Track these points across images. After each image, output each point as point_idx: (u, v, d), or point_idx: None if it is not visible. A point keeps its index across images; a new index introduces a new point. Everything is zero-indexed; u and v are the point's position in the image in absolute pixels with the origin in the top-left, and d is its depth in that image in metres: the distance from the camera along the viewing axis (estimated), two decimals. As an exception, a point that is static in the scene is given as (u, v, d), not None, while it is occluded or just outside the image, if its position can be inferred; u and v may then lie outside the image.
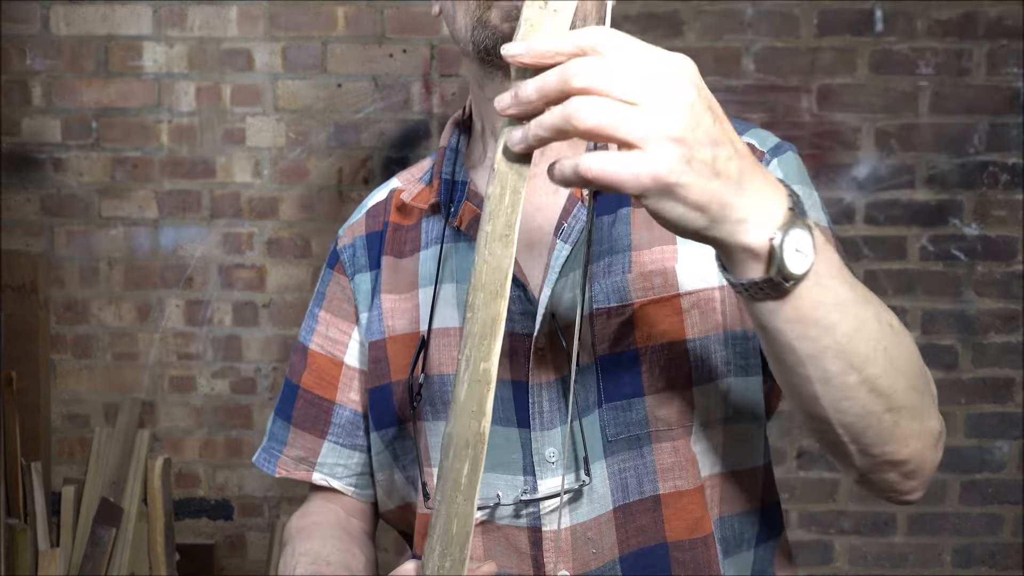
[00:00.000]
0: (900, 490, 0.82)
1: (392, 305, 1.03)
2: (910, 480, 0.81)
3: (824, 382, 0.71)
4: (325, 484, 1.08)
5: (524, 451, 0.94)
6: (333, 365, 1.07)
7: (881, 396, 0.73)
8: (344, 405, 1.07)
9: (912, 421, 0.76)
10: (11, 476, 2.28)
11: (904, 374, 0.75)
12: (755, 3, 2.58)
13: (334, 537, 1.04)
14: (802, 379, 0.72)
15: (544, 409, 0.93)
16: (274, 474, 1.09)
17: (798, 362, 0.71)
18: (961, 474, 2.62)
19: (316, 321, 1.09)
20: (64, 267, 2.66)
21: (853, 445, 0.77)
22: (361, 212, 1.10)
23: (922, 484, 0.82)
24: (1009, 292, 2.59)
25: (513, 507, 0.94)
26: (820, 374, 0.71)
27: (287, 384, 1.11)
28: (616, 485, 0.92)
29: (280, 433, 1.10)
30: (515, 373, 0.94)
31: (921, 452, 0.78)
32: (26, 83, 2.63)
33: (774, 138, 0.99)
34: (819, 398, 0.73)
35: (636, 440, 0.92)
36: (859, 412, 0.73)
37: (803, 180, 0.96)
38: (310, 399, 1.08)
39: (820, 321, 0.69)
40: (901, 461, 0.78)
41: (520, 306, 0.94)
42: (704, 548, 0.92)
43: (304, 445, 1.08)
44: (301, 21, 2.62)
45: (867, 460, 0.78)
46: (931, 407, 0.80)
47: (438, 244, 1.00)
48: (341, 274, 1.08)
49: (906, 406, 0.75)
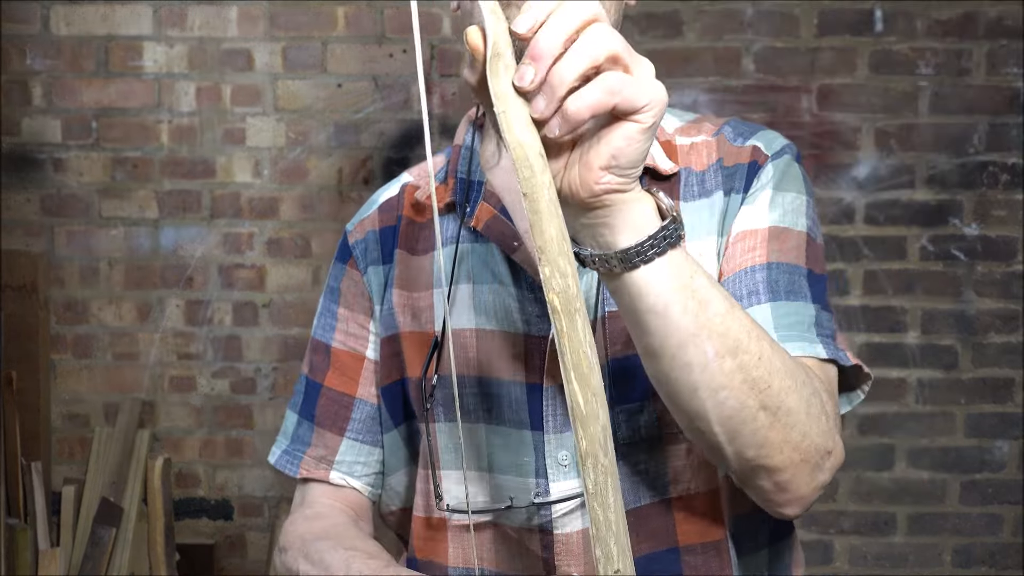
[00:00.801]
0: (774, 500, 0.82)
1: (404, 301, 1.02)
2: (784, 492, 0.81)
3: (703, 368, 0.73)
4: (343, 483, 1.06)
5: (537, 454, 0.94)
6: (355, 360, 1.05)
7: (755, 388, 0.74)
8: (365, 400, 1.05)
9: (789, 429, 0.77)
10: (11, 476, 2.28)
11: (779, 374, 0.75)
12: (755, 3, 2.58)
13: (368, 538, 1.00)
14: (682, 367, 0.73)
15: (558, 412, 0.92)
16: (296, 476, 1.06)
17: (679, 345, 0.72)
18: (961, 474, 2.62)
19: (336, 318, 1.07)
20: (64, 267, 2.66)
21: (729, 446, 0.77)
22: (373, 207, 1.09)
23: (798, 500, 0.82)
24: (1009, 292, 2.60)
25: (525, 510, 0.94)
26: (699, 358, 0.72)
27: (309, 384, 1.08)
28: (628, 488, 0.91)
29: (305, 435, 1.07)
30: (529, 376, 0.94)
31: (797, 464, 0.78)
32: (26, 83, 2.63)
33: (780, 140, 0.98)
34: (697, 388, 0.74)
35: (648, 443, 0.92)
36: (735, 405, 0.74)
37: (792, 185, 0.94)
38: (333, 396, 1.06)
39: (696, 293, 0.71)
40: (774, 468, 0.78)
41: (536, 308, 0.94)
42: (716, 552, 0.92)
43: (324, 444, 1.06)
44: (301, 21, 2.62)
45: (742, 463, 0.79)
46: (819, 423, 0.79)
47: (453, 244, 0.99)
48: (354, 268, 1.06)
49: (782, 408, 0.76)
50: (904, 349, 2.61)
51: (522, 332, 0.94)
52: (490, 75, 0.60)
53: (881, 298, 2.60)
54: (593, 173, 0.65)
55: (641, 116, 0.63)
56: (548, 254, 0.60)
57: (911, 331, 2.61)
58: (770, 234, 0.90)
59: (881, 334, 2.61)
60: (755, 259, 0.89)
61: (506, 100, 0.60)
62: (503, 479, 0.94)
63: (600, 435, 0.61)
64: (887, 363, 2.60)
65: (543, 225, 0.60)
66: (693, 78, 2.59)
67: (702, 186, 0.95)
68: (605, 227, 0.68)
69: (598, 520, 0.62)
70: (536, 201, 0.60)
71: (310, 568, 0.95)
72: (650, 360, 0.76)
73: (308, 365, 1.09)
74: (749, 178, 0.93)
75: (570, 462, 0.92)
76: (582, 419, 0.61)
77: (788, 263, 0.90)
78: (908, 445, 2.62)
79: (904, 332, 2.61)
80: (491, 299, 0.96)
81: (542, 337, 0.93)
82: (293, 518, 1.05)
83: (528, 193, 0.60)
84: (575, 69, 0.60)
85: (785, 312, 0.87)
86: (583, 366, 0.61)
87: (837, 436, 0.82)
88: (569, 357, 0.61)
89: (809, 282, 0.90)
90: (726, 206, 0.93)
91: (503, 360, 0.95)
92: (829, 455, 0.81)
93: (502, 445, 0.95)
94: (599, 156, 0.65)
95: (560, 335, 0.61)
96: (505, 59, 0.60)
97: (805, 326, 0.88)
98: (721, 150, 0.96)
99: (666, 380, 0.76)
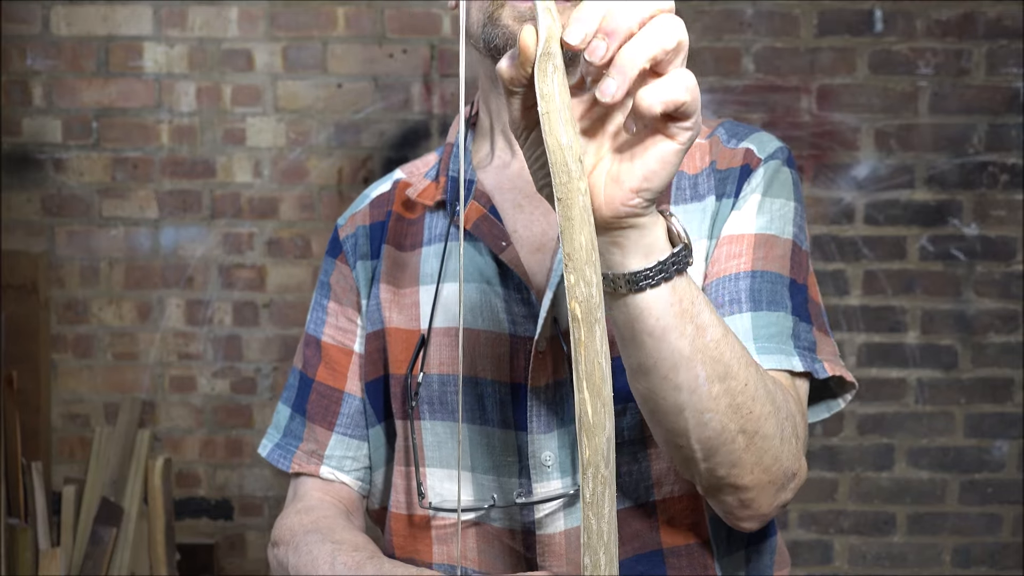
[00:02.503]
0: (735, 515, 0.84)
1: (390, 297, 1.02)
2: (746, 509, 0.83)
3: (692, 391, 0.73)
4: (333, 478, 1.06)
5: (520, 454, 0.94)
6: (344, 355, 1.06)
7: (738, 414, 0.75)
8: (353, 394, 1.06)
9: (763, 453, 0.78)
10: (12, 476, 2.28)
11: (761, 400, 0.77)
12: (755, 3, 2.58)
13: (355, 530, 1.01)
14: (672, 388, 0.74)
15: (542, 412, 0.92)
16: (288, 470, 1.07)
17: (672, 367, 0.72)
18: (960, 474, 2.62)
19: (326, 313, 1.08)
20: (65, 267, 2.66)
21: (704, 464, 0.79)
22: (364, 202, 1.09)
23: (758, 517, 0.84)
24: (1009, 292, 2.60)
25: (508, 510, 0.94)
26: (690, 382, 0.73)
27: (301, 378, 1.09)
28: None
29: (297, 429, 1.08)
30: (514, 376, 0.94)
31: (764, 485, 0.80)
32: (27, 83, 2.63)
33: (774, 143, 0.97)
34: (684, 409, 0.75)
35: (631, 445, 0.92)
36: (717, 428, 0.75)
37: (781, 191, 0.94)
38: (323, 391, 1.06)
39: (695, 318, 0.71)
40: (743, 487, 0.80)
41: (522, 309, 0.94)
42: (700, 553, 0.92)
43: (315, 438, 1.06)
44: (301, 21, 2.62)
45: (712, 479, 0.80)
46: (789, 446, 0.81)
47: (441, 242, 1.00)
48: (343, 263, 1.07)
49: (758, 433, 0.77)
50: (904, 349, 2.61)
51: (508, 332, 0.94)
52: (538, 73, 0.59)
53: (881, 298, 2.61)
54: (623, 192, 0.63)
55: (682, 133, 0.61)
56: (576, 262, 0.59)
57: (911, 331, 2.61)
58: (756, 241, 0.90)
59: (881, 334, 2.61)
60: (739, 266, 0.89)
61: (551, 101, 0.59)
62: (486, 479, 0.95)
63: (604, 446, 0.61)
64: (887, 363, 2.61)
65: (574, 232, 0.59)
66: (693, 78, 2.59)
67: (694, 190, 0.94)
68: (616, 247, 0.67)
69: (591, 529, 0.61)
70: (570, 207, 0.59)
71: (298, 560, 0.95)
72: (638, 376, 0.76)
73: (300, 359, 1.10)
74: (740, 182, 0.93)
75: (553, 463, 0.92)
76: (589, 429, 0.61)
77: (771, 272, 0.90)
78: (908, 445, 2.62)
79: (904, 332, 2.61)
80: (478, 299, 0.96)
81: (527, 338, 0.93)
82: (285, 512, 1.06)
83: (563, 198, 0.59)
84: (647, 51, 0.58)
85: (765, 323, 0.88)
86: (596, 376, 0.60)
87: (803, 457, 0.84)
88: (584, 366, 0.60)
89: (791, 292, 0.90)
90: (717, 210, 0.93)
91: (488, 360, 0.95)
92: (794, 476, 0.83)
93: (485, 445, 0.95)
94: (632, 176, 0.63)
95: (578, 344, 0.60)
96: (555, 59, 0.59)
97: (783, 337, 0.88)
98: (714, 153, 0.96)
99: (652, 397, 0.76)
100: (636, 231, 0.66)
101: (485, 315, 0.95)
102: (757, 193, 0.92)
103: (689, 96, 0.59)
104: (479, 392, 0.95)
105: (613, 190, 0.64)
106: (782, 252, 0.91)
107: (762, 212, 0.92)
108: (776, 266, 0.90)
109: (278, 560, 1.01)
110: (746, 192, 0.92)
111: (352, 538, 0.96)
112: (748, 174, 0.93)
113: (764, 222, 0.91)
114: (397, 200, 1.06)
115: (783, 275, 0.90)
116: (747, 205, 0.92)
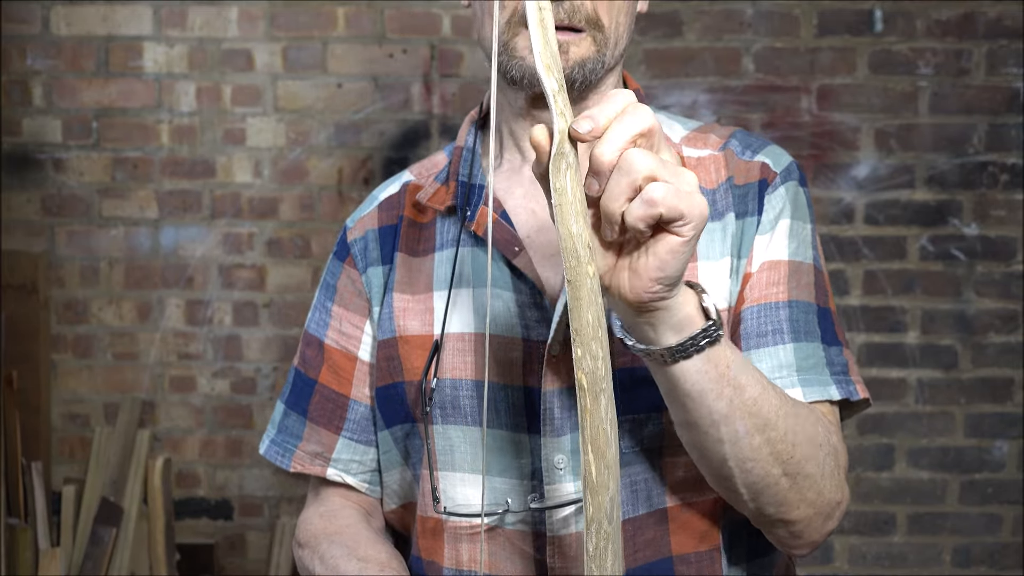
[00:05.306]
0: (788, 544, 0.90)
1: (404, 305, 1.01)
2: (798, 539, 0.88)
3: (733, 443, 0.80)
4: (339, 480, 1.06)
5: (533, 457, 0.94)
6: (348, 360, 1.06)
7: (779, 460, 0.81)
8: (359, 401, 1.05)
9: (806, 490, 0.84)
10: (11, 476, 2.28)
11: (801, 446, 0.83)
12: (755, 3, 2.58)
13: (379, 542, 1.02)
14: (714, 441, 0.80)
15: (555, 416, 0.92)
16: (289, 468, 1.07)
17: (712, 424, 0.79)
18: (961, 474, 2.62)
19: (329, 315, 1.07)
20: (64, 267, 2.66)
21: (752, 503, 0.85)
22: (373, 204, 1.08)
23: (809, 544, 0.89)
24: (1008, 292, 2.60)
25: (521, 513, 0.94)
26: (731, 435, 0.79)
27: (301, 377, 1.08)
28: (626, 499, 0.91)
29: (295, 427, 1.08)
30: (527, 379, 0.94)
31: (811, 518, 0.86)
32: (26, 83, 2.63)
33: (786, 158, 0.98)
34: (727, 459, 0.81)
35: (649, 454, 0.92)
36: (760, 474, 0.82)
37: (802, 214, 0.96)
38: (327, 394, 1.06)
39: (732, 380, 0.77)
40: (791, 521, 0.86)
41: (535, 313, 0.94)
42: (709, 560, 0.93)
43: (319, 440, 1.06)
44: (301, 21, 2.62)
45: (762, 517, 0.87)
46: (832, 479, 0.86)
47: (453, 247, 0.99)
48: (352, 267, 1.06)
49: (800, 473, 0.83)
50: (904, 349, 2.61)
51: (521, 337, 0.94)
52: (552, 170, 0.66)
53: (881, 298, 2.61)
54: (643, 282, 0.70)
55: (681, 229, 0.67)
56: (582, 337, 0.66)
57: (911, 331, 2.61)
58: (789, 268, 0.94)
59: (881, 334, 2.61)
60: (779, 295, 0.93)
61: (563, 195, 0.66)
62: (499, 481, 0.95)
63: (607, 505, 0.67)
64: (887, 363, 2.61)
65: (582, 311, 0.66)
66: (693, 78, 2.59)
67: (713, 207, 0.95)
68: (649, 327, 0.74)
69: None
70: (578, 288, 0.66)
71: (324, 572, 0.98)
72: (682, 429, 0.83)
73: (300, 358, 1.09)
74: (760, 197, 0.94)
75: (566, 466, 0.92)
76: (592, 488, 0.67)
77: (804, 301, 0.94)
78: (908, 445, 2.62)
79: (904, 332, 2.61)
80: (491, 303, 0.96)
81: (540, 342, 0.93)
82: (307, 515, 1.07)
83: (572, 280, 0.66)
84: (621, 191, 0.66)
85: (804, 355, 0.92)
86: (600, 441, 0.67)
87: (845, 485, 0.89)
88: (589, 432, 0.67)
89: (819, 318, 0.94)
90: (740, 229, 0.94)
91: (502, 364, 0.95)
92: (839, 505, 0.88)
93: (498, 448, 0.95)
94: (648, 267, 0.69)
95: (583, 411, 0.67)
96: (568, 158, 0.66)
97: (820, 368, 0.92)
98: (730, 166, 0.97)
99: (698, 448, 0.83)
100: (664, 312, 0.73)
101: (499, 320, 0.96)
102: (786, 218, 0.95)
103: (657, 208, 0.66)
104: (493, 396, 0.95)
105: (634, 280, 0.71)
106: (808, 280, 0.94)
107: (792, 237, 0.94)
108: (806, 294, 0.94)
109: (303, 563, 1.03)
110: (770, 212, 0.94)
111: (376, 555, 0.97)
112: (765, 188, 0.95)
113: (793, 248, 0.94)
114: (408, 204, 1.06)
115: (812, 303, 0.94)
116: (778, 230, 0.94)
